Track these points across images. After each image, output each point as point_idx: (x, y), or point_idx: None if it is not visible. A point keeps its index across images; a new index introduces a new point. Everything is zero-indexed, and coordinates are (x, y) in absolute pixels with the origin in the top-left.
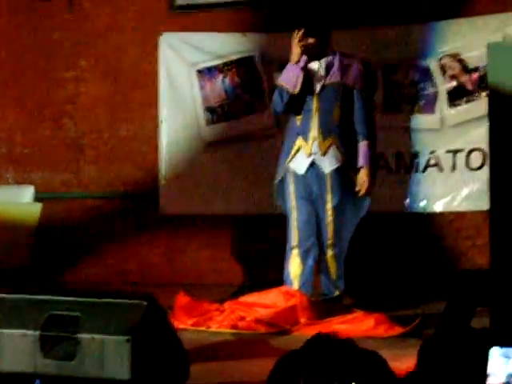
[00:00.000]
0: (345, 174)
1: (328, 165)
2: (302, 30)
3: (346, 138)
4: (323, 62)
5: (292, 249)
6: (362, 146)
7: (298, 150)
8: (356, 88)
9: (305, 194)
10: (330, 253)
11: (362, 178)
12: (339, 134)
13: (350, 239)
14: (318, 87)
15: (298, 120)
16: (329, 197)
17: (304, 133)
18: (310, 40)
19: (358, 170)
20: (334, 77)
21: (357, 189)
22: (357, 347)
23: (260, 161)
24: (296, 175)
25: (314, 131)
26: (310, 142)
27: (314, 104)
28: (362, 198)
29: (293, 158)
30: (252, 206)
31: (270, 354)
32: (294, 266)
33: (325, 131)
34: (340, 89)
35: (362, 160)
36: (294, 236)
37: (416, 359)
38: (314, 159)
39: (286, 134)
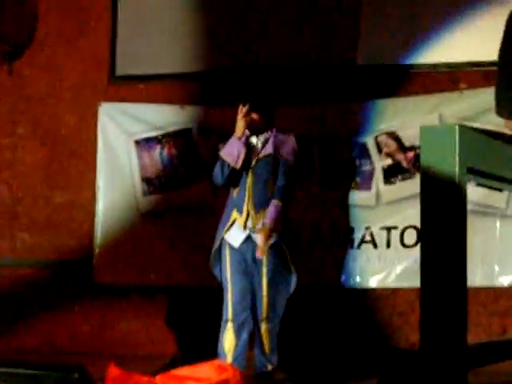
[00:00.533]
0: (279, 248)
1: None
2: (247, 106)
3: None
4: (261, 137)
5: (226, 322)
6: (271, 205)
7: (233, 223)
8: (285, 159)
9: (240, 267)
10: (264, 327)
11: (261, 241)
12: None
13: (282, 314)
14: (253, 162)
15: (234, 192)
16: (264, 270)
17: (239, 206)
18: (254, 115)
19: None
20: (268, 150)
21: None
22: None
23: (196, 232)
24: (231, 247)
25: (247, 205)
26: (244, 215)
27: (248, 177)
28: (290, 273)
29: (228, 229)
30: (187, 277)
31: None
32: (228, 340)
33: (257, 205)
34: (273, 162)
35: (266, 220)
36: (228, 309)
37: None
38: (250, 234)
39: (226, 204)
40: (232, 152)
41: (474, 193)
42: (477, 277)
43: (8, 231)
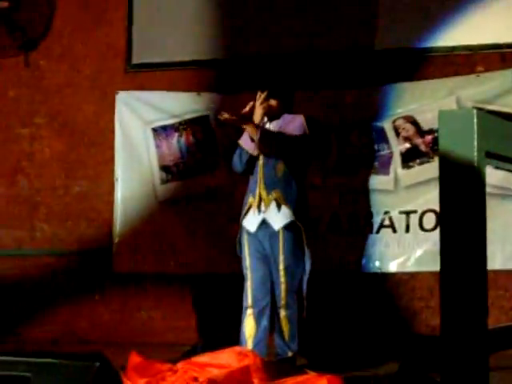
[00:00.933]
0: (295, 229)
1: (279, 222)
2: (265, 92)
3: (292, 192)
4: (275, 122)
5: (246, 309)
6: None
7: (249, 208)
8: (292, 133)
9: (258, 254)
10: (283, 313)
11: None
12: (284, 189)
13: (303, 299)
14: None
15: (251, 178)
16: (281, 257)
17: (253, 190)
18: (272, 102)
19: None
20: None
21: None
22: None
23: (215, 219)
24: (249, 233)
25: (258, 187)
26: (257, 198)
27: (260, 161)
28: (306, 257)
29: (245, 215)
30: (207, 265)
31: None
32: (249, 327)
33: (268, 186)
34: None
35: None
36: (248, 296)
37: None
38: (264, 217)
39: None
40: (249, 140)
41: (493, 176)
42: (496, 260)
43: (27, 221)
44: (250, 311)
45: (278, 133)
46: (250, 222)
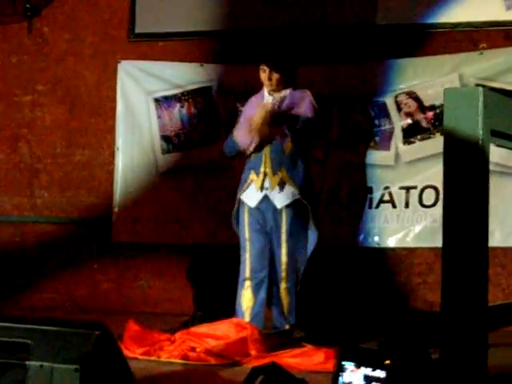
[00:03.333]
0: (299, 206)
1: (281, 200)
2: (268, 65)
3: (298, 171)
4: (277, 95)
5: (244, 281)
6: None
7: (250, 184)
8: (307, 114)
9: (258, 227)
10: (283, 286)
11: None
12: (290, 167)
13: (302, 273)
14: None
15: (253, 154)
16: (283, 229)
17: (256, 167)
18: (275, 75)
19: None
20: (286, 110)
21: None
22: None
23: (215, 191)
24: (249, 207)
25: (264, 166)
26: (261, 176)
27: (262, 152)
28: (312, 231)
29: (245, 191)
30: (206, 236)
31: None
32: (246, 299)
33: (274, 165)
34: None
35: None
36: (246, 268)
37: None
38: (266, 194)
39: (245, 166)
40: (245, 138)
41: (494, 153)
42: (495, 237)
43: (28, 189)
44: (247, 283)
45: (296, 117)
46: (251, 198)
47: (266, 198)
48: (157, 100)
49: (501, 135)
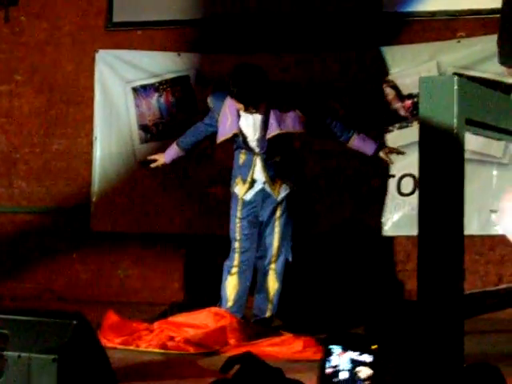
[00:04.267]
0: (293, 196)
1: (281, 193)
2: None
3: (291, 167)
4: (257, 114)
5: (231, 268)
6: (358, 138)
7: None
8: (294, 132)
9: (250, 217)
10: (272, 268)
11: (384, 154)
12: (284, 168)
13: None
14: (256, 137)
15: (240, 158)
16: (277, 217)
17: (243, 175)
18: (252, 110)
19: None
20: (272, 130)
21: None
22: (285, 378)
23: (194, 180)
24: (243, 199)
25: (260, 176)
26: (247, 185)
27: (257, 156)
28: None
29: (237, 185)
30: (184, 225)
31: (198, 374)
32: (231, 285)
33: (273, 176)
34: (282, 139)
35: (369, 148)
36: (235, 255)
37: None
38: (263, 187)
39: (233, 167)
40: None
41: (471, 142)
42: (473, 225)
43: (5, 178)
44: (234, 270)
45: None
46: (245, 192)
47: (262, 191)
48: (135, 89)
49: (476, 124)
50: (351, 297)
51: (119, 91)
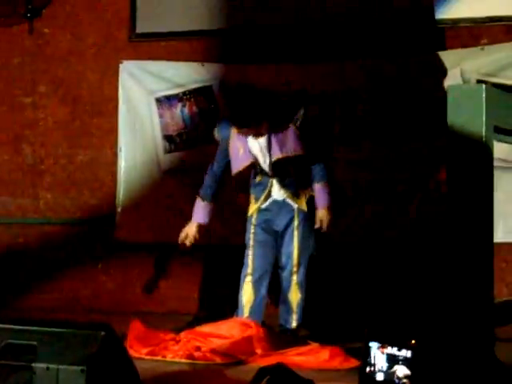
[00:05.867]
0: (310, 204)
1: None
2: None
3: (306, 177)
4: (262, 139)
5: (245, 276)
6: (318, 190)
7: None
8: (293, 156)
9: (264, 225)
10: (294, 280)
11: (323, 217)
12: (305, 185)
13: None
14: (266, 161)
15: (257, 177)
16: (295, 226)
17: (256, 195)
18: (251, 132)
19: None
20: (275, 154)
21: (317, 226)
22: None
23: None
24: (258, 207)
25: (278, 195)
26: (259, 203)
27: (269, 178)
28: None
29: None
30: (209, 235)
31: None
32: (247, 294)
33: (295, 192)
34: (285, 162)
35: (322, 202)
36: (249, 263)
37: None
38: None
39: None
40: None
41: (496, 149)
42: (498, 233)
43: (31, 190)
44: (249, 278)
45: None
46: (255, 211)
47: (280, 201)
48: (158, 100)
49: (503, 131)
50: (378, 305)
51: (143, 102)
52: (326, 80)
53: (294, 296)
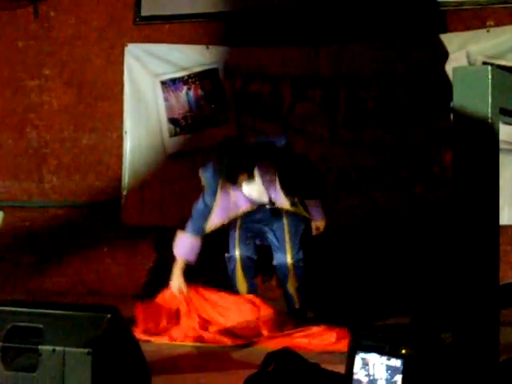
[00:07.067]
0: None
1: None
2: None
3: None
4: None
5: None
6: (314, 203)
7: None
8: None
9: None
10: (290, 276)
11: (321, 226)
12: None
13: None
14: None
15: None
16: (285, 231)
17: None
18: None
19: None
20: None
21: (314, 233)
22: (323, 370)
23: None
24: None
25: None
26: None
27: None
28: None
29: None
30: None
31: (231, 366)
32: (240, 283)
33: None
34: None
35: (318, 216)
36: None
37: None
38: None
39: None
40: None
41: (501, 131)
42: (504, 215)
43: (36, 173)
44: (238, 265)
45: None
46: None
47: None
48: (164, 83)
49: (509, 113)
50: (382, 289)
51: (148, 85)
52: (330, 64)
53: (292, 288)
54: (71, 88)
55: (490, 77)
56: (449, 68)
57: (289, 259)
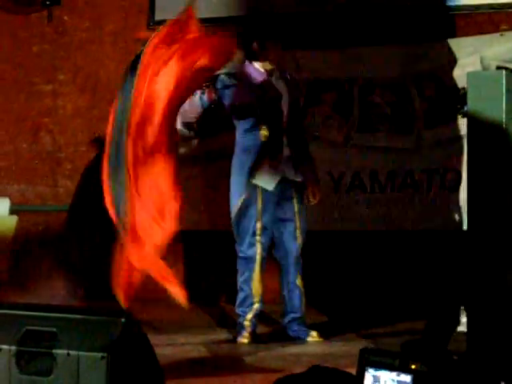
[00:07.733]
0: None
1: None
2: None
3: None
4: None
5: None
6: (309, 165)
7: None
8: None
9: (271, 210)
10: (299, 282)
11: (317, 193)
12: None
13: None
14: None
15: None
16: (297, 219)
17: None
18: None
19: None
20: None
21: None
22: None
23: None
24: (264, 190)
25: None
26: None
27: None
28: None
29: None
30: (226, 222)
31: (247, 371)
32: (255, 283)
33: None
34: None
35: (315, 180)
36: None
37: None
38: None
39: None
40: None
41: None
42: None
43: (51, 178)
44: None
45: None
46: (268, 181)
47: (283, 180)
48: None
49: None
50: (395, 292)
51: None
52: (344, 66)
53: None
54: (85, 92)
55: (504, 81)
56: (463, 72)
57: (298, 247)
